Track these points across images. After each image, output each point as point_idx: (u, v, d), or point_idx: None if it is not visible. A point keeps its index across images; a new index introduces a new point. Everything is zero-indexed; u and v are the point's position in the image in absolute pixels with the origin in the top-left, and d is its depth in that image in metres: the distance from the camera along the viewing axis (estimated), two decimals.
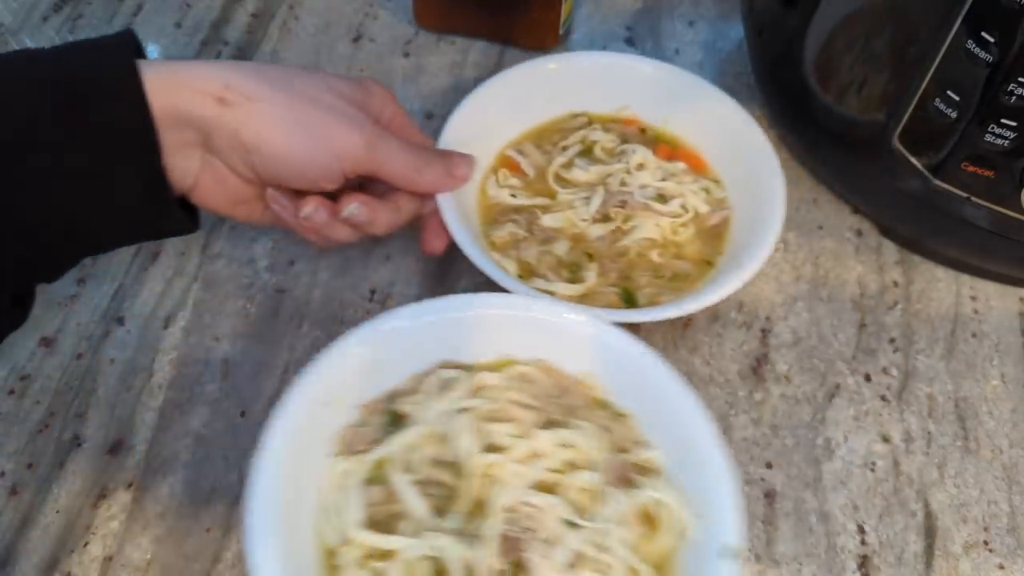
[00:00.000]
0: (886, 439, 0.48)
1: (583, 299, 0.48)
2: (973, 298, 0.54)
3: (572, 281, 0.49)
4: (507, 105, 0.54)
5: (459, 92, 0.62)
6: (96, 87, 0.35)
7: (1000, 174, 0.45)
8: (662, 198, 0.52)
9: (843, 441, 0.47)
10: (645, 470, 0.39)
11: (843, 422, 0.48)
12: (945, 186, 0.47)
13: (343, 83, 0.44)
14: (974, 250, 0.51)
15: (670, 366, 0.40)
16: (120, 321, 0.50)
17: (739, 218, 0.52)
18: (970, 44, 0.41)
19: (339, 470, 0.38)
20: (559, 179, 0.54)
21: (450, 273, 0.52)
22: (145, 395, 0.47)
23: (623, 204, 0.51)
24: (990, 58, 0.41)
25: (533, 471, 0.37)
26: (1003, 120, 0.42)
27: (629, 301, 0.48)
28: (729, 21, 0.68)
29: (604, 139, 0.55)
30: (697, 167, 0.55)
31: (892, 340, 0.51)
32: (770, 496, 0.45)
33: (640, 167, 0.53)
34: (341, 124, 0.42)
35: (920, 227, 0.52)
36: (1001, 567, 0.44)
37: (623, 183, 0.52)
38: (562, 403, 0.40)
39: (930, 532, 0.45)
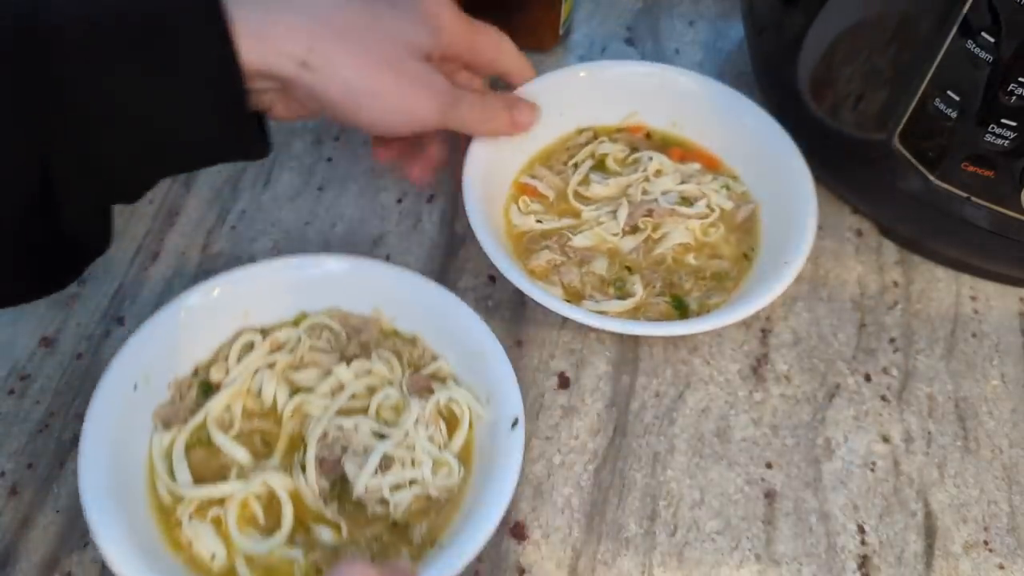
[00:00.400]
0: (886, 439, 0.48)
1: (635, 313, 0.48)
2: (973, 298, 0.54)
3: (621, 297, 0.49)
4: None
5: None
6: (187, 42, 0.36)
7: (1000, 174, 0.45)
8: (686, 201, 0.52)
9: (843, 441, 0.47)
10: (439, 378, 0.45)
11: (843, 422, 0.48)
12: (945, 186, 0.47)
13: (420, 31, 0.43)
14: (974, 250, 0.51)
15: (443, 288, 0.46)
16: (120, 321, 0.50)
17: (767, 209, 0.52)
18: (970, 44, 0.41)
19: (164, 442, 0.42)
20: (579, 197, 0.53)
21: (449, 270, 0.53)
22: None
23: (649, 213, 0.51)
24: (990, 58, 0.41)
25: (339, 401, 0.43)
26: (1003, 120, 0.42)
27: (681, 307, 0.49)
28: (729, 21, 0.68)
29: (614, 150, 0.55)
30: (712, 165, 0.55)
31: (892, 340, 0.51)
32: (770, 496, 0.45)
33: (658, 173, 0.53)
34: (419, 93, 0.43)
35: (920, 227, 0.52)
36: (1001, 567, 0.44)
37: (644, 191, 0.52)
38: (358, 340, 0.46)
39: (930, 532, 0.45)
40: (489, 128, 0.49)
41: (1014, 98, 0.41)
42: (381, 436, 0.42)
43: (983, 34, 0.41)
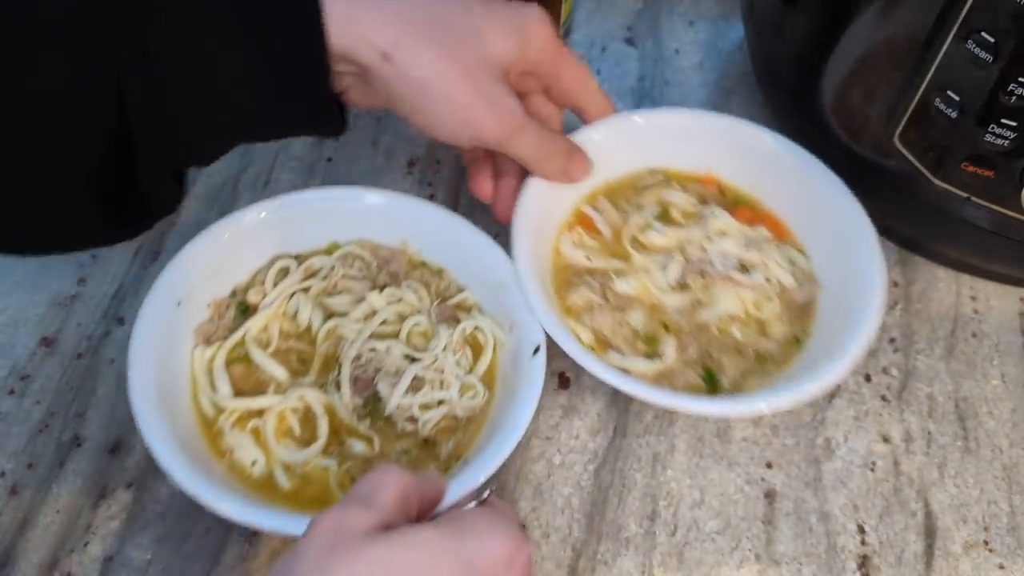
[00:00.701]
0: (886, 439, 0.48)
1: (661, 378, 0.45)
2: (973, 298, 0.54)
3: (649, 356, 0.46)
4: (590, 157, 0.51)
5: None
6: (279, 16, 0.37)
7: (1000, 174, 0.45)
8: (744, 268, 0.48)
9: (843, 441, 0.47)
10: (464, 308, 0.48)
11: (843, 422, 0.48)
12: (945, 186, 0.47)
13: (507, 44, 0.43)
14: (974, 250, 0.51)
15: (469, 222, 0.48)
16: (120, 321, 0.50)
17: (828, 295, 0.48)
18: (970, 44, 0.41)
19: (205, 357, 0.45)
20: (635, 242, 0.50)
21: None
22: None
23: (702, 273, 0.48)
24: (990, 58, 0.41)
25: (371, 326, 0.46)
26: (1003, 120, 0.42)
27: (711, 383, 0.45)
28: (729, 21, 0.68)
29: (682, 201, 0.52)
30: (780, 234, 0.51)
31: (892, 340, 0.51)
32: (770, 496, 0.45)
33: (721, 233, 0.50)
34: (489, 113, 0.42)
35: (920, 227, 0.52)
36: (1001, 567, 0.44)
37: (703, 249, 0.49)
38: (387, 270, 0.49)
39: (930, 532, 0.45)
40: (542, 168, 0.48)
41: (1014, 98, 0.41)
42: (412, 359, 0.45)
43: (983, 34, 0.41)
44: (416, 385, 0.44)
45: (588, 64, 0.46)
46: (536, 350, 0.44)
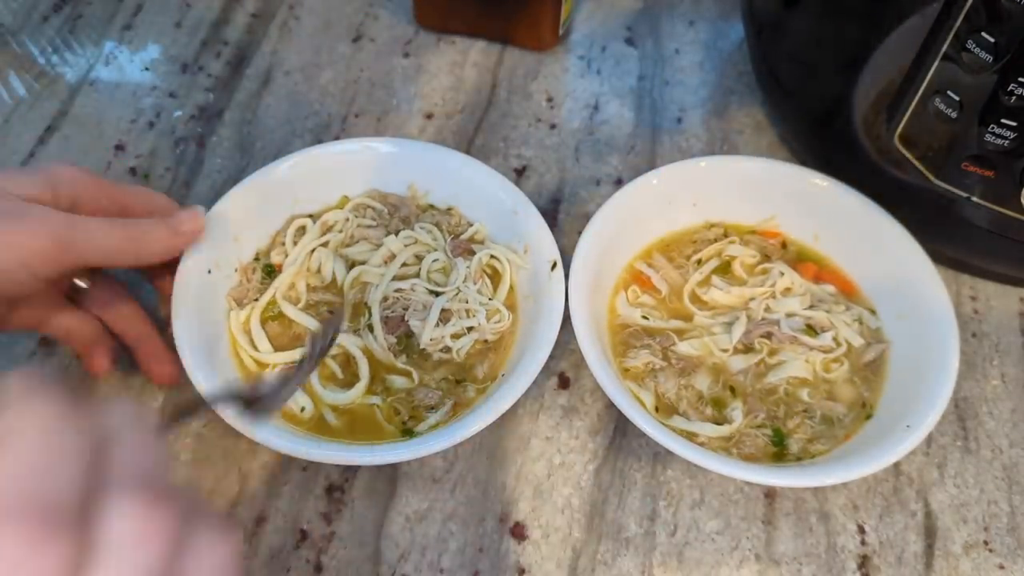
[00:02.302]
0: None
1: (727, 441, 0.44)
2: (973, 298, 0.54)
3: (716, 420, 0.45)
4: (644, 210, 0.50)
5: (459, 92, 0.62)
6: None
7: (1000, 174, 0.45)
8: (811, 330, 0.48)
9: None
10: (477, 241, 0.51)
11: None
12: (945, 186, 0.46)
13: (16, 179, 0.38)
14: (974, 250, 0.51)
15: (470, 157, 0.51)
16: None
17: (898, 354, 0.47)
18: (970, 44, 0.41)
19: (240, 318, 0.47)
20: (695, 299, 0.49)
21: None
22: (146, 394, 0.47)
23: (768, 335, 0.47)
24: (990, 58, 0.41)
25: (393, 268, 0.49)
26: (1003, 120, 0.42)
27: (779, 446, 0.44)
28: (729, 21, 0.68)
29: (743, 254, 0.50)
30: (847, 291, 0.50)
31: None
32: (770, 496, 0.45)
33: (787, 291, 0.49)
34: (16, 227, 0.36)
35: (920, 227, 0.51)
36: (1001, 567, 0.44)
37: (768, 309, 0.48)
38: (399, 216, 0.52)
39: (930, 532, 0.45)
40: (147, 247, 0.41)
41: (1014, 98, 0.41)
42: (436, 294, 0.48)
43: (983, 34, 0.41)
44: (444, 317, 0.47)
45: None
46: (553, 266, 0.46)
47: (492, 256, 0.49)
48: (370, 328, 0.47)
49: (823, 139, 0.53)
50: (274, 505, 0.44)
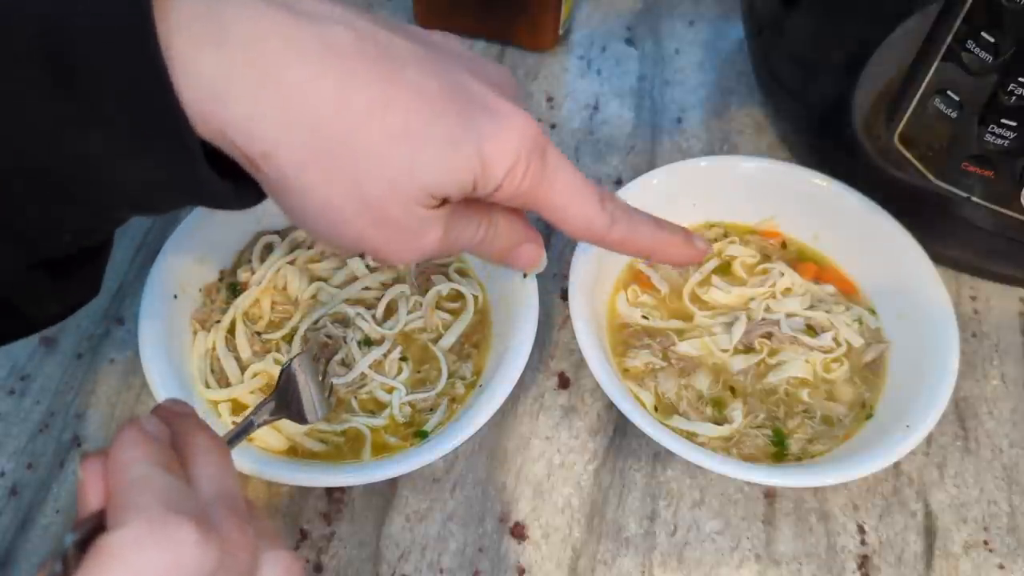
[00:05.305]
0: None
1: (727, 442, 0.44)
2: (973, 298, 0.54)
3: (716, 420, 0.45)
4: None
5: None
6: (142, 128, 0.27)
7: (1000, 174, 0.45)
8: (811, 330, 0.48)
9: None
10: (445, 267, 0.49)
11: None
12: (945, 186, 0.46)
13: (447, 185, 0.30)
14: (974, 250, 0.51)
15: None
16: (120, 321, 0.50)
17: (898, 355, 0.47)
18: (970, 44, 0.41)
19: (207, 344, 0.46)
20: (695, 299, 0.49)
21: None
22: (145, 395, 0.47)
23: (768, 335, 0.47)
24: (990, 58, 0.41)
25: (347, 292, 0.48)
26: (1003, 120, 0.42)
27: (779, 446, 0.44)
28: (729, 21, 0.68)
29: (743, 254, 0.51)
30: (847, 291, 0.50)
31: None
32: (770, 496, 0.45)
33: (787, 291, 0.49)
34: (399, 245, 0.32)
35: (920, 227, 0.51)
36: (1001, 567, 0.44)
37: (768, 309, 0.48)
38: None
39: (930, 532, 0.45)
40: (493, 255, 0.38)
41: (1014, 98, 0.41)
42: (371, 344, 0.46)
43: (983, 34, 0.41)
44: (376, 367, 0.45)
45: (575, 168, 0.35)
46: (525, 273, 0.45)
47: (452, 288, 0.48)
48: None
49: (823, 139, 0.53)
50: (274, 505, 0.44)
